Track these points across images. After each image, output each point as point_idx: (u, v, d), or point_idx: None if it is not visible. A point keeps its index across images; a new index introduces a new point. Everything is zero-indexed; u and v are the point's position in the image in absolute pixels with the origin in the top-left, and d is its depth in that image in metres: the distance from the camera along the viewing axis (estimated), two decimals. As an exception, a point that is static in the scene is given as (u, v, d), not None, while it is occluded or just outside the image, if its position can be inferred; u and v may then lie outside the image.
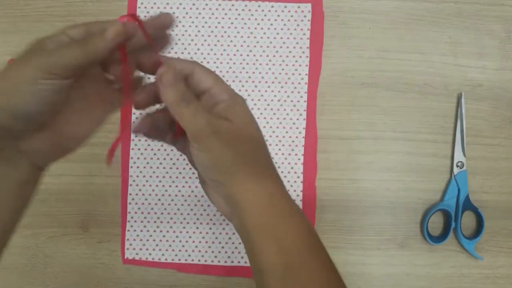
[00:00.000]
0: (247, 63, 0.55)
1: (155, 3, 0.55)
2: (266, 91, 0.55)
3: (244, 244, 0.33)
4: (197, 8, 0.55)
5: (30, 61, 0.29)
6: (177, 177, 0.54)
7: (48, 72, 0.29)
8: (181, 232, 0.54)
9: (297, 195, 0.54)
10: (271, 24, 0.55)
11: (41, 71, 0.29)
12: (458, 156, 0.54)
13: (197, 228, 0.54)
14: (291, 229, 0.32)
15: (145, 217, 0.54)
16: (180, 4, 0.55)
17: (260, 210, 0.32)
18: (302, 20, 0.55)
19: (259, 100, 0.55)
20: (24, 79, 0.29)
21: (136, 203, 0.54)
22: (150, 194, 0.54)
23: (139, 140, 0.54)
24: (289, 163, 0.54)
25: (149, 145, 0.54)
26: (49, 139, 0.31)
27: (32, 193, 0.32)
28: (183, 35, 0.55)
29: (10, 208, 0.31)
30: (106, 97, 0.33)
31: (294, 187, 0.54)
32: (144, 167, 0.54)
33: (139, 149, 0.54)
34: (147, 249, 0.54)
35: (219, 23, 0.55)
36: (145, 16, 0.32)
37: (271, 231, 0.31)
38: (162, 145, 0.54)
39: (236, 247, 0.54)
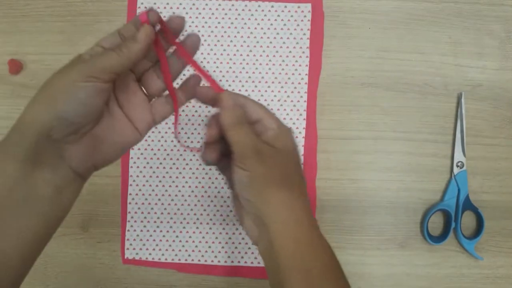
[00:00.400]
0: (247, 63, 0.55)
1: (155, 3, 0.55)
2: (266, 91, 0.55)
3: (268, 266, 0.35)
4: (197, 8, 0.55)
5: (71, 69, 0.31)
6: (177, 177, 0.54)
7: (87, 75, 0.30)
8: (181, 232, 0.54)
9: (297, 195, 0.54)
10: (271, 24, 0.55)
11: (81, 76, 0.30)
12: (458, 156, 0.54)
13: (197, 228, 0.54)
14: (317, 260, 0.34)
15: (145, 217, 0.54)
16: (180, 4, 0.55)
17: (288, 235, 0.34)
18: (302, 20, 0.55)
19: (259, 100, 0.55)
20: (65, 83, 0.30)
21: (136, 203, 0.54)
22: (150, 194, 0.54)
23: (139, 140, 0.54)
24: (289, 163, 0.54)
25: (149, 145, 0.54)
26: (91, 145, 0.33)
27: (70, 203, 0.33)
28: (183, 35, 0.55)
29: (45, 215, 0.31)
30: (145, 109, 0.36)
31: (294, 187, 0.54)
32: (144, 167, 0.54)
33: (139, 149, 0.54)
34: (147, 249, 0.54)
35: (219, 23, 0.55)
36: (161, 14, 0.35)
37: (298, 260, 0.33)
38: (162, 145, 0.54)
39: (236, 247, 0.54)
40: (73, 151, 0.32)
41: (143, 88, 0.36)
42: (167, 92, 0.37)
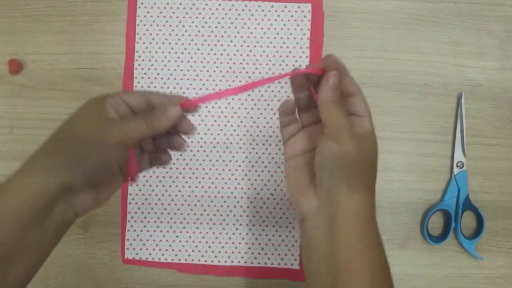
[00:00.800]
0: (247, 63, 0.55)
1: (155, 3, 0.55)
2: (266, 91, 0.55)
3: (315, 243, 0.34)
4: (197, 8, 0.55)
5: (104, 131, 0.32)
6: (177, 177, 0.54)
7: (118, 141, 0.33)
8: (181, 232, 0.54)
9: (297, 195, 0.54)
10: (271, 24, 0.55)
11: (114, 141, 0.32)
12: (458, 156, 0.54)
13: (197, 228, 0.54)
14: (376, 260, 0.34)
15: (145, 217, 0.54)
16: (180, 4, 0.55)
17: (355, 222, 0.33)
18: (302, 20, 0.55)
19: (259, 100, 0.55)
20: (97, 147, 0.32)
21: (136, 203, 0.54)
22: (150, 194, 0.54)
23: (139, 140, 0.54)
24: (289, 163, 0.54)
25: (149, 145, 0.54)
26: (95, 196, 0.35)
27: (63, 234, 0.35)
28: (183, 35, 0.55)
29: (46, 247, 0.34)
30: (138, 160, 0.38)
31: (294, 187, 0.54)
32: (144, 167, 0.54)
33: (139, 149, 0.54)
34: (147, 249, 0.54)
35: (219, 23, 0.55)
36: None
37: (357, 258, 0.33)
38: (162, 145, 0.54)
39: (236, 247, 0.54)
40: (82, 198, 0.34)
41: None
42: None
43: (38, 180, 0.31)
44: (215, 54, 0.55)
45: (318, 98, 0.34)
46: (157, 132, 0.34)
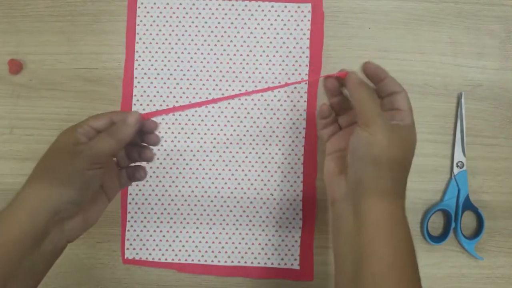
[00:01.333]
0: (247, 63, 0.55)
1: (155, 3, 0.55)
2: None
3: (341, 226, 0.37)
4: (197, 8, 0.55)
5: (77, 155, 0.35)
6: (177, 177, 0.54)
7: (92, 162, 0.35)
8: (181, 232, 0.54)
9: (297, 195, 0.54)
10: (271, 24, 0.55)
11: (88, 163, 0.35)
12: (458, 156, 0.54)
13: (197, 228, 0.54)
14: (401, 248, 0.35)
15: (145, 217, 0.54)
16: (180, 4, 0.55)
17: (382, 214, 0.35)
18: (302, 20, 0.55)
19: (259, 100, 0.55)
20: (74, 171, 0.35)
21: (136, 203, 0.54)
22: (150, 194, 0.54)
23: (139, 140, 0.54)
24: (289, 163, 0.54)
25: (149, 145, 0.54)
26: (83, 218, 0.38)
27: (55, 260, 0.38)
28: (183, 35, 0.55)
29: (39, 273, 0.36)
30: (118, 177, 0.42)
31: (294, 187, 0.54)
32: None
33: (139, 149, 0.54)
34: (147, 249, 0.54)
35: (219, 23, 0.55)
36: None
37: (384, 240, 0.35)
38: (162, 145, 0.54)
39: (236, 247, 0.54)
40: (71, 224, 0.37)
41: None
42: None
43: (29, 211, 0.34)
44: (215, 54, 0.55)
45: (346, 82, 0.38)
46: (123, 141, 0.37)
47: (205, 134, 0.54)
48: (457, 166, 0.54)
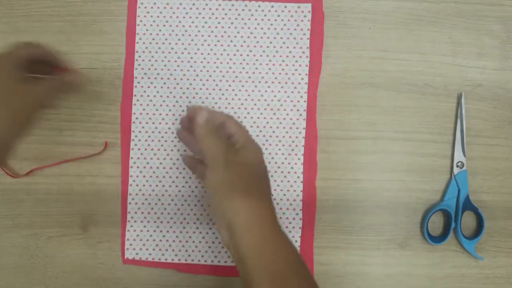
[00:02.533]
0: (247, 63, 0.55)
1: (155, 3, 0.55)
2: (266, 91, 0.55)
3: (238, 267, 0.40)
4: (197, 8, 0.55)
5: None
6: (177, 177, 0.54)
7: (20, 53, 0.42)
8: (181, 232, 0.54)
9: (297, 195, 0.54)
10: (271, 24, 0.55)
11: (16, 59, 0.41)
12: (458, 156, 0.54)
13: (197, 228, 0.54)
14: (282, 259, 0.39)
15: (145, 217, 0.54)
16: (180, 4, 0.55)
17: (252, 236, 0.40)
18: (302, 20, 0.55)
19: (259, 100, 0.55)
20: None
21: (136, 203, 0.54)
22: (150, 194, 0.54)
23: (139, 140, 0.54)
24: (289, 163, 0.54)
25: (149, 145, 0.54)
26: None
27: None
28: (183, 35, 0.55)
29: None
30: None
31: (294, 187, 0.54)
32: (144, 167, 0.54)
33: (139, 149, 0.54)
34: (147, 249, 0.54)
35: (219, 23, 0.55)
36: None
37: (264, 259, 0.39)
38: (162, 145, 0.54)
39: (236, 247, 0.54)
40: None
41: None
42: None
43: None
44: (215, 54, 0.55)
45: (196, 136, 0.44)
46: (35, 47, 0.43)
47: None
48: (457, 166, 0.54)
